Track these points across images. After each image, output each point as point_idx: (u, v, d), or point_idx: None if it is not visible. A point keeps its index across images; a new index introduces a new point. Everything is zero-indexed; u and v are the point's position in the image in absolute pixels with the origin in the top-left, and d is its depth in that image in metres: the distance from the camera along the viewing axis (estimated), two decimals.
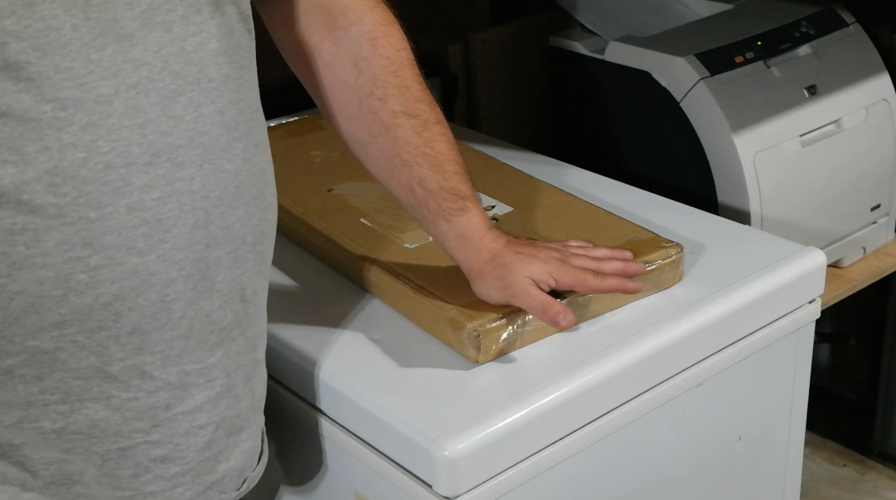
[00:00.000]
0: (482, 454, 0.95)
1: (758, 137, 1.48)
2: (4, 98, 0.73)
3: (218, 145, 0.83)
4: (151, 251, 0.80)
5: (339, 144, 1.44)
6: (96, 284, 0.79)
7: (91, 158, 0.76)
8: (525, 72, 1.88)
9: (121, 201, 0.78)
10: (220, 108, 0.83)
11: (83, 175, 0.76)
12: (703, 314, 1.11)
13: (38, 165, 0.75)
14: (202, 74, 0.82)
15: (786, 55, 1.56)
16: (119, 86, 0.77)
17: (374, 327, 1.11)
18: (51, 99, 0.74)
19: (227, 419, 0.91)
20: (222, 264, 0.86)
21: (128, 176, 0.78)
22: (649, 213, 1.28)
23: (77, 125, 0.75)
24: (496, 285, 1.03)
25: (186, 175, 0.81)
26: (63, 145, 0.75)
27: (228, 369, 0.89)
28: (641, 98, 1.58)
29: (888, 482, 2.00)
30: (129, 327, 0.81)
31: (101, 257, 0.78)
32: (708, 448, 1.19)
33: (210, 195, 0.83)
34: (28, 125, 0.74)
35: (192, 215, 0.82)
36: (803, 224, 1.54)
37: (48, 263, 0.77)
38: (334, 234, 1.21)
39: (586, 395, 1.02)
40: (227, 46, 0.84)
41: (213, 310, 0.86)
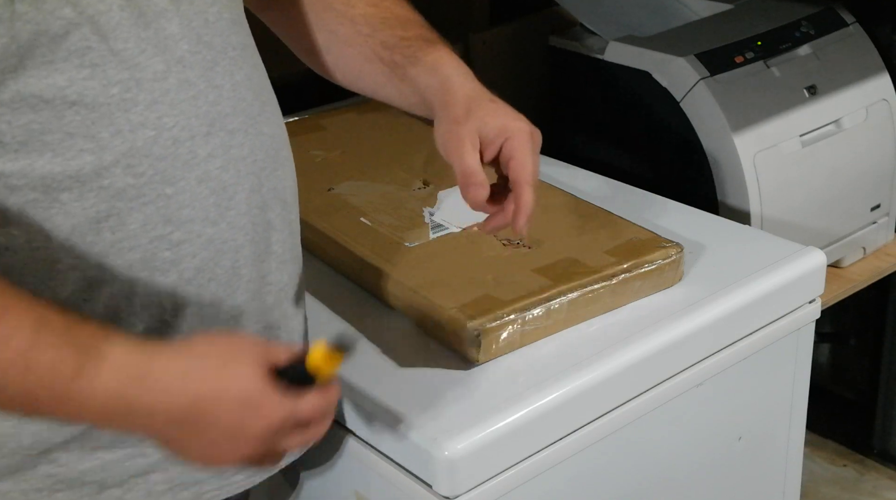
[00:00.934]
0: (482, 454, 0.95)
1: (758, 137, 1.48)
2: (74, 86, 0.74)
3: (254, 110, 0.86)
4: (222, 220, 0.83)
5: (339, 144, 1.45)
6: (180, 259, 0.81)
7: (160, 135, 0.78)
8: (525, 72, 1.88)
9: (191, 174, 0.80)
10: (247, 74, 0.86)
11: (156, 153, 0.78)
12: (703, 314, 1.11)
13: (114, 148, 0.76)
14: (227, 43, 0.84)
15: (786, 55, 1.56)
16: (168, 61, 0.78)
17: (375, 327, 1.11)
18: (115, 81, 0.75)
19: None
20: (275, 225, 0.88)
21: (194, 148, 0.80)
22: (649, 213, 1.28)
23: (142, 104, 0.77)
24: (446, 124, 0.91)
25: (237, 142, 0.83)
26: (133, 126, 0.77)
27: (286, 327, 0.92)
28: (641, 98, 1.58)
29: (888, 482, 2.00)
30: (210, 298, 0.83)
31: (182, 231, 0.80)
32: (708, 448, 1.19)
33: (258, 159, 0.86)
34: (99, 111, 0.75)
35: (248, 180, 0.84)
36: (803, 224, 1.54)
37: (135, 245, 0.79)
38: (334, 233, 1.21)
39: (586, 395, 1.02)
40: (236, 15, 0.86)
41: (270, 271, 0.89)
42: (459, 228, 1.21)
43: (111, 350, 0.71)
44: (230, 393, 0.73)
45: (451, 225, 1.22)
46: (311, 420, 0.77)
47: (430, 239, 1.19)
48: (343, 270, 1.21)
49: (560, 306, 1.06)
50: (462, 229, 1.20)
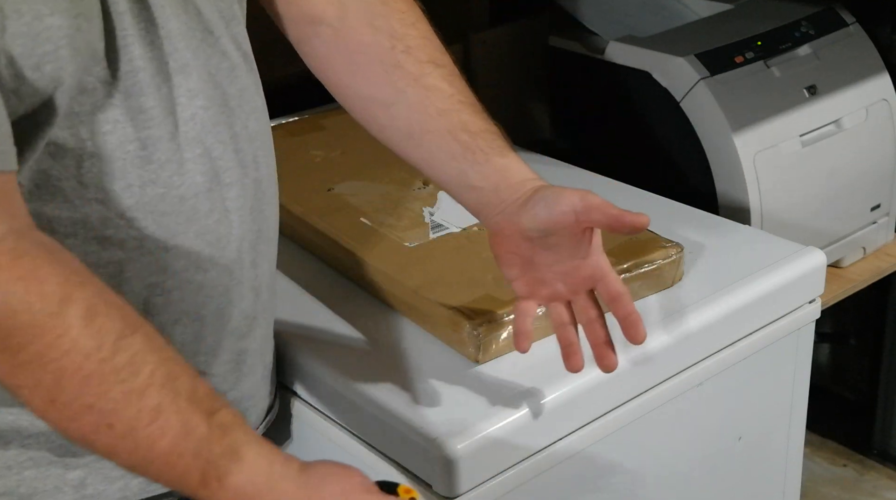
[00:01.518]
0: (482, 453, 0.95)
1: (758, 137, 1.48)
2: (95, 139, 0.75)
3: (249, 158, 0.87)
4: (212, 267, 0.85)
5: (339, 144, 1.45)
6: (169, 304, 0.83)
7: (168, 193, 0.80)
8: (525, 72, 1.88)
9: (191, 229, 0.82)
10: (244, 122, 0.86)
11: (161, 209, 0.80)
12: (702, 314, 1.11)
13: (121, 201, 0.78)
14: (226, 95, 0.84)
15: (786, 55, 1.56)
16: (181, 119, 0.79)
17: (375, 327, 1.11)
18: (133, 138, 0.77)
19: (244, 391, 0.94)
20: (258, 264, 0.90)
21: (196, 205, 0.82)
22: (649, 213, 1.27)
23: (156, 163, 0.78)
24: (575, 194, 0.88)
25: (233, 194, 0.85)
26: (144, 182, 0.78)
27: (252, 351, 0.94)
28: (641, 98, 1.58)
29: (888, 482, 2.00)
30: (192, 336, 0.85)
31: (175, 280, 0.82)
32: (708, 448, 1.19)
33: (249, 206, 0.87)
34: (114, 164, 0.77)
35: (239, 228, 0.86)
36: (803, 224, 1.54)
37: (128, 290, 0.80)
38: (334, 233, 1.21)
39: (586, 395, 1.02)
40: (240, 59, 0.86)
41: (249, 305, 0.91)
42: (459, 228, 1.21)
43: (236, 475, 0.72)
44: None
45: (451, 225, 1.22)
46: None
47: (430, 239, 1.19)
48: (343, 270, 1.21)
49: None
50: (462, 229, 1.20)
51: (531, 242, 0.88)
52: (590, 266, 0.88)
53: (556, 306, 0.91)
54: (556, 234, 0.87)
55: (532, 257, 0.90)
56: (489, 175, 0.92)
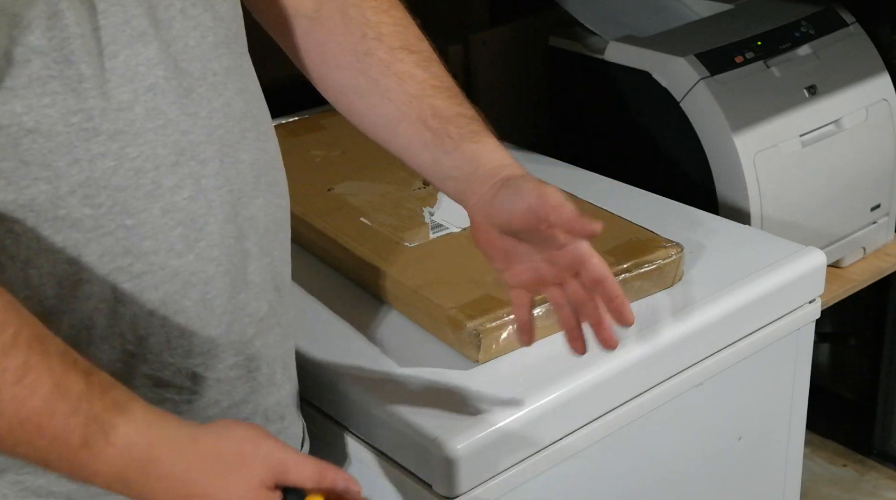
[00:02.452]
0: (482, 453, 0.95)
1: (758, 137, 1.48)
2: (31, 114, 0.72)
3: (232, 138, 0.83)
4: (189, 251, 0.80)
5: (338, 144, 1.45)
6: (141, 291, 0.79)
7: (121, 166, 0.76)
8: (525, 72, 1.88)
9: (155, 205, 0.78)
10: (227, 100, 0.83)
11: (115, 183, 0.76)
12: (703, 314, 1.11)
13: (70, 178, 0.74)
14: (207, 69, 0.81)
15: (786, 55, 1.56)
16: (137, 90, 0.76)
17: (375, 327, 1.11)
18: (76, 110, 0.74)
19: (269, 408, 0.91)
20: (252, 254, 0.86)
21: (158, 179, 0.78)
22: (649, 213, 1.28)
23: (104, 134, 0.75)
24: (525, 192, 0.87)
25: (210, 171, 0.81)
26: (93, 156, 0.75)
27: (268, 358, 0.90)
28: (641, 98, 1.58)
29: (888, 482, 2.00)
30: (178, 331, 0.82)
31: (143, 263, 0.78)
32: (708, 448, 1.19)
33: (233, 188, 0.83)
34: (57, 139, 0.73)
35: (222, 210, 0.82)
36: (803, 224, 1.54)
37: (92, 277, 0.77)
38: (334, 233, 1.21)
39: (586, 395, 1.02)
40: (223, 37, 0.84)
41: (248, 302, 0.86)
42: (459, 228, 1.21)
43: (122, 426, 0.70)
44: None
45: (451, 225, 1.22)
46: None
47: (430, 239, 1.19)
48: (343, 270, 1.21)
49: None
50: (462, 229, 1.20)
51: (505, 234, 0.88)
52: (569, 253, 0.86)
53: (550, 290, 0.90)
54: (523, 230, 0.87)
55: (511, 249, 0.89)
56: (461, 164, 0.91)
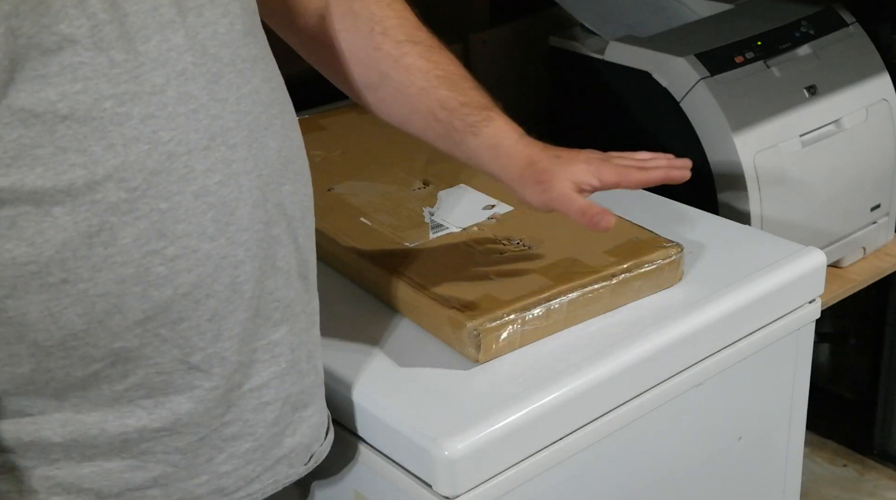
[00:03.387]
0: (482, 454, 0.95)
1: (758, 137, 1.48)
2: (65, 100, 0.73)
3: (260, 124, 0.85)
4: (221, 235, 0.82)
5: (338, 144, 1.45)
6: (175, 274, 0.80)
7: (155, 149, 0.77)
8: (525, 72, 1.88)
9: (188, 189, 0.79)
10: (255, 87, 0.84)
11: (150, 167, 0.77)
12: (703, 314, 1.11)
13: (106, 162, 0.75)
14: (236, 55, 0.83)
15: (786, 55, 1.56)
16: (169, 74, 0.77)
17: (374, 327, 1.11)
18: (108, 96, 0.75)
19: (292, 395, 0.92)
20: (281, 241, 0.88)
21: (190, 162, 0.79)
22: (649, 213, 1.28)
23: (137, 118, 0.76)
24: (536, 190, 1.01)
25: (240, 156, 0.82)
26: (127, 140, 0.76)
27: (293, 345, 0.91)
28: (641, 98, 1.58)
29: (888, 482, 2.00)
30: (208, 314, 0.83)
31: (177, 246, 0.79)
32: (708, 448, 1.19)
33: (262, 174, 0.84)
34: (91, 124, 0.74)
35: (251, 195, 0.83)
36: (803, 224, 1.54)
37: (127, 260, 0.78)
38: (334, 233, 1.21)
39: (586, 395, 1.02)
40: (250, 26, 0.85)
41: (276, 287, 0.88)
42: (459, 228, 1.21)
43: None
44: None
45: (451, 225, 1.22)
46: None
47: (430, 239, 1.19)
48: (343, 270, 1.21)
49: (560, 306, 1.06)
50: (462, 229, 1.20)
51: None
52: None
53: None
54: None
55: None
56: (470, 157, 1.02)
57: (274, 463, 0.92)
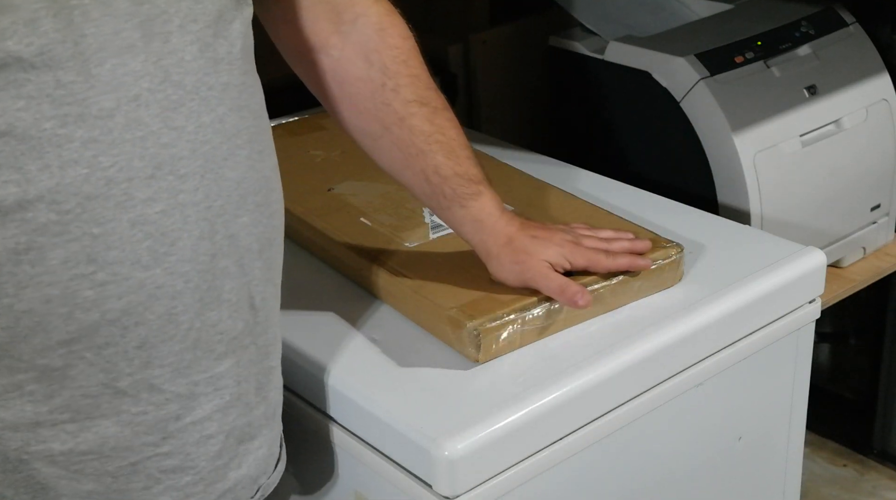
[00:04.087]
0: (482, 454, 0.95)
1: (758, 137, 1.48)
2: (5, 117, 0.72)
3: (220, 154, 0.83)
4: (157, 265, 0.80)
5: (338, 144, 1.45)
6: (103, 300, 0.78)
7: (93, 174, 0.76)
8: (525, 72, 1.88)
9: (124, 216, 0.78)
10: (220, 116, 0.82)
11: (86, 191, 0.76)
12: (703, 314, 1.11)
13: (39, 183, 0.74)
14: (201, 83, 0.81)
15: (786, 55, 1.56)
16: (120, 99, 0.76)
17: (375, 327, 1.11)
18: (50, 116, 0.74)
19: (237, 428, 0.90)
20: (229, 273, 0.85)
21: (130, 190, 0.77)
22: (649, 213, 1.28)
23: (78, 142, 0.75)
24: (514, 269, 1.05)
25: (189, 187, 0.80)
26: (64, 162, 0.75)
27: (239, 377, 0.89)
28: (641, 98, 1.58)
29: (888, 482, 2.00)
30: (137, 342, 0.81)
31: (107, 272, 0.78)
32: (708, 448, 1.19)
33: (213, 205, 0.82)
34: (29, 143, 0.73)
35: (197, 227, 0.81)
36: (803, 224, 1.54)
37: (54, 280, 0.77)
38: (334, 233, 1.21)
39: (586, 395, 1.02)
40: (225, 53, 0.83)
41: (220, 320, 0.85)
42: None
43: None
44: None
45: None
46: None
47: (430, 239, 1.19)
48: (343, 270, 1.21)
49: (560, 306, 1.06)
50: None
51: None
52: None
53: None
54: None
55: None
56: (452, 224, 1.08)
57: (218, 496, 0.90)
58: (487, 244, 1.06)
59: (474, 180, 1.05)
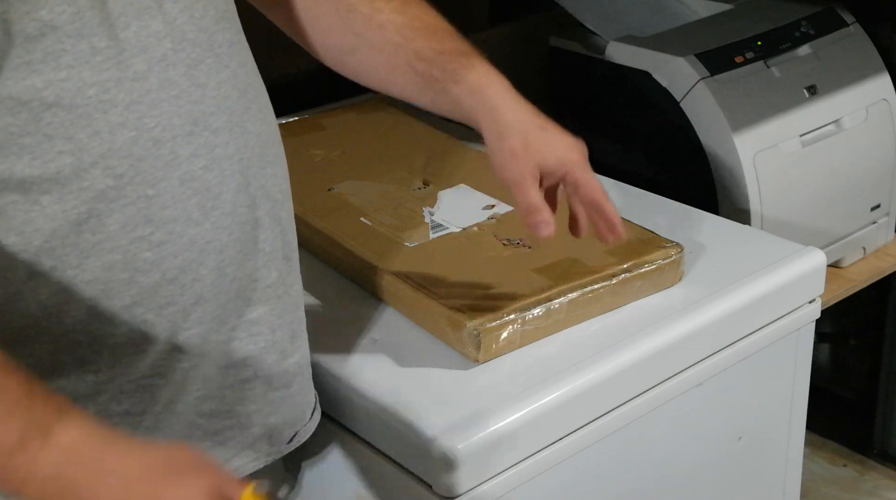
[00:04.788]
0: (482, 454, 0.95)
1: (758, 137, 1.48)
2: (51, 88, 0.73)
3: (239, 108, 0.85)
4: (206, 220, 0.82)
5: (338, 144, 1.45)
6: (161, 260, 0.80)
7: (140, 136, 0.77)
8: (525, 72, 1.87)
9: (173, 174, 0.79)
10: (233, 72, 0.84)
11: (136, 153, 0.77)
12: (703, 314, 1.11)
13: (92, 149, 0.75)
14: (212, 40, 0.83)
15: (786, 55, 1.56)
16: (150, 60, 0.77)
17: (374, 327, 1.11)
18: (92, 83, 0.75)
19: (274, 375, 0.92)
20: (263, 224, 0.87)
21: (175, 148, 0.79)
22: (649, 213, 1.28)
23: (121, 105, 0.76)
24: (503, 158, 0.96)
25: (222, 141, 0.82)
26: (112, 127, 0.76)
27: (273, 325, 0.91)
28: (641, 98, 1.58)
29: (888, 482, 2.00)
30: (194, 298, 0.83)
31: (163, 232, 0.80)
32: (708, 448, 1.19)
33: (244, 158, 0.85)
34: (76, 112, 0.74)
35: (234, 180, 0.84)
36: (803, 224, 1.54)
37: (115, 246, 0.78)
38: (334, 233, 1.21)
39: (586, 395, 1.02)
40: (223, 11, 0.85)
41: (257, 269, 0.88)
42: (459, 228, 1.21)
43: (65, 429, 0.68)
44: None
45: (451, 225, 1.22)
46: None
47: (430, 239, 1.19)
48: (343, 270, 1.21)
49: (560, 306, 1.06)
50: (462, 229, 1.20)
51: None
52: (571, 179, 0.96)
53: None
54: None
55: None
56: (452, 107, 0.98)
57: (253, 441, 0.92)
58: (494, 115, 0.96)
59: (464, 54, 0.98)
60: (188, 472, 0.70)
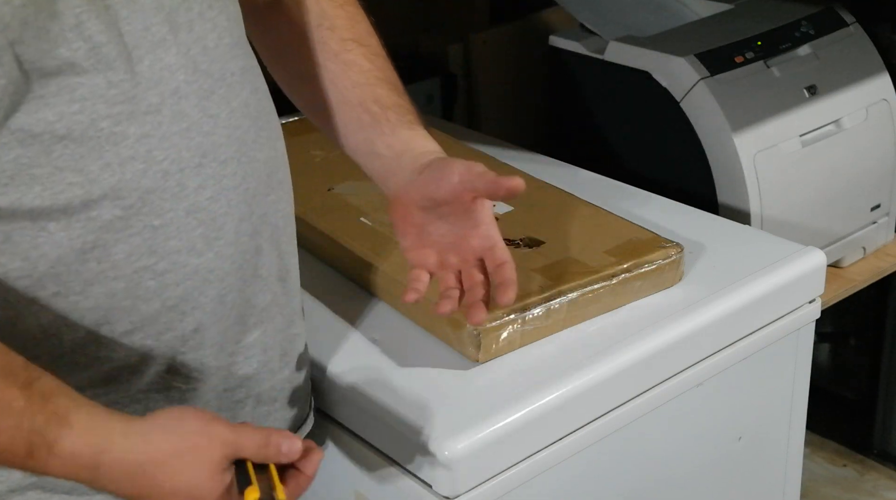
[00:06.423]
0: (482, 454, 0.95)
1: (758, 137, 1.48)
2: (63, 121, 0.74)
3: (249, 137, 0.85)
4: (209, 250, 0.83)
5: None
6: (163, 288, 0.81)
7: (150, 168, 0.78)
8: (525, 72, 1.88)
9: (180, 206, 0.80)
10: (244, 100, 0.85)
11: (145, 185, 0.78)
12: (703, 314, 1.11)
13: (102, 181, 0.76)
14: (225, 69, 0.83)
15: (786, 55, 1.56)
16: (163, 93, 0.78)
17: (374, 327, 1.11)
18: (105, 115, 0.75)
19: (263, 392, 0.93)
20: (263, 251, 0.88)
21: (183, 180, 0.80)
22: (649, 213, 1.28)
23: (132, 138, 0.77)
24: (434, 168, 0.93)
25: (230, 171, 0.83)
26: (123, 159, 0.76)
27: (265, 345, 0.92)
28: (641, 98, 1.58)
29: (888, 482, 2.00)
30: (193, 325, 0.84)
31: (167, 262, 0.81)
32: (708, 448, 1.19)
33: (249, 187, 0.85)
34: (88, 145, 0.75)
35: (238, 209, 0.84)
36: (803, 224, 1.54)
37: (119, 275, 0.79)
38: (334, 233, 1.21)
39: (586, 395, 1.02)
40: (237, 38, 0.86)
41: (254, 294, 0.89)
42: None
43: (64, 439, 0.71)
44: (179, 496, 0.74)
45: None
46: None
47: None
48: (343, 270, 1.21)
49: (560, 306, 1.06)
50: None
51: (425, 211, 0.93)
52: (479, 236, 0.92)
53: (445, 274, 0.95)
54: (447, 204, 0.91)
55: (425, 227, 0.94)
56: (394, 144, 0.96)
57: None
58: (440, 152, 0.96)
59: (417, 115, 0.98)
60: (199, 454, 0.74)
